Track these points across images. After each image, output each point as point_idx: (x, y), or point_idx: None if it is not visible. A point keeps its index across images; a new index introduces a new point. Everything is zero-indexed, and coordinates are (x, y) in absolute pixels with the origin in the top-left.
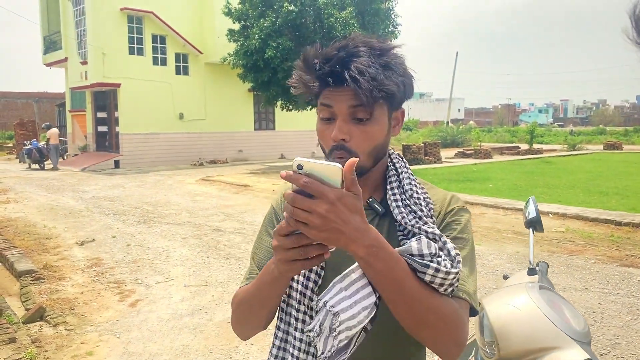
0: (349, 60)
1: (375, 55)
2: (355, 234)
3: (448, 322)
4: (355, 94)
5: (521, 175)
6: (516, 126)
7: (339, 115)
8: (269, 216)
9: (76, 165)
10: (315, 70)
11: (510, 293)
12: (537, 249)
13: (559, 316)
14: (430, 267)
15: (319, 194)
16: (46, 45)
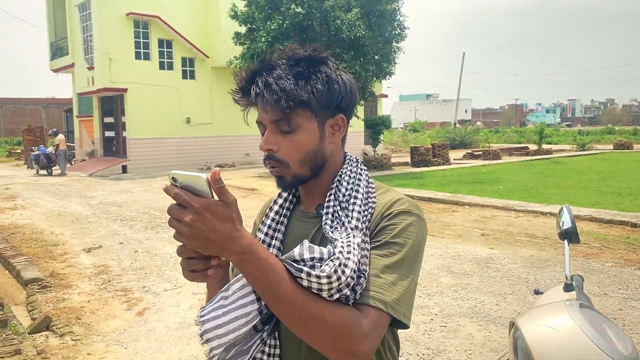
0: (259, 75)
1: (289, 65)
2: (225, 241)
3: (333, 330)
4: (274, 108)
5: (531, 176)
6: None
7: (267, 128)
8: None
9: (84, 171)
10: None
11: (548, 312)
12: (551, 252)
13: (603, 338)
14: (303, 272)
15: (186, 203)
16: (53, 51)
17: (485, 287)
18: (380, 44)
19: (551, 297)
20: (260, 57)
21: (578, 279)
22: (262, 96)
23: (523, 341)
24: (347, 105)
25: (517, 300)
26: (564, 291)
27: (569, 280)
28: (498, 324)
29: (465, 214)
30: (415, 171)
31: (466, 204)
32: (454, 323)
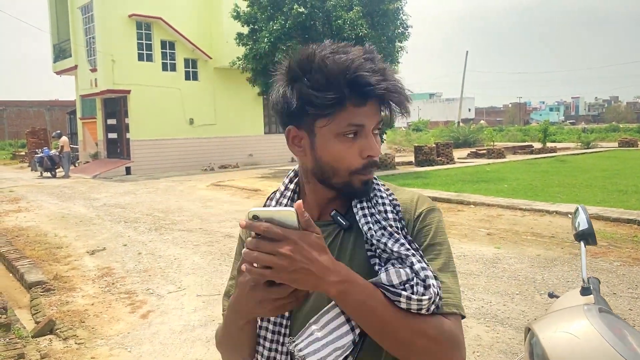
0: (384, 74)
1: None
2: (324, 271)
3: (441, 343)
4: (378, 109)
5: (536, 175)
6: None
7: (368, 132)
8: (239, 249)
9: (87, 173)
10: (342, 86)
11: (566, 318)
12: (558, 251)
13: (624, 344)
14: (402, 296)
15: (281, 236)
16: (56, 53)
17: (492, 288)
18: (383, 43)
19: (568, 301)
20: (367, 52)
21: (594, 281)
22: (394, 97)
23: (540, 348)
24: None
25: (525, 300)
26: (581, 295)
27: (586, 283)
28: (506, 324)
29: (471, 214)
30: (420, 170)
31: (471, 203)
32: None
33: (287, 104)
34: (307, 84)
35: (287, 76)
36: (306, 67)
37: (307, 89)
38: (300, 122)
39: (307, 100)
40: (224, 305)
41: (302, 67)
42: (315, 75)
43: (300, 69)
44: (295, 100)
